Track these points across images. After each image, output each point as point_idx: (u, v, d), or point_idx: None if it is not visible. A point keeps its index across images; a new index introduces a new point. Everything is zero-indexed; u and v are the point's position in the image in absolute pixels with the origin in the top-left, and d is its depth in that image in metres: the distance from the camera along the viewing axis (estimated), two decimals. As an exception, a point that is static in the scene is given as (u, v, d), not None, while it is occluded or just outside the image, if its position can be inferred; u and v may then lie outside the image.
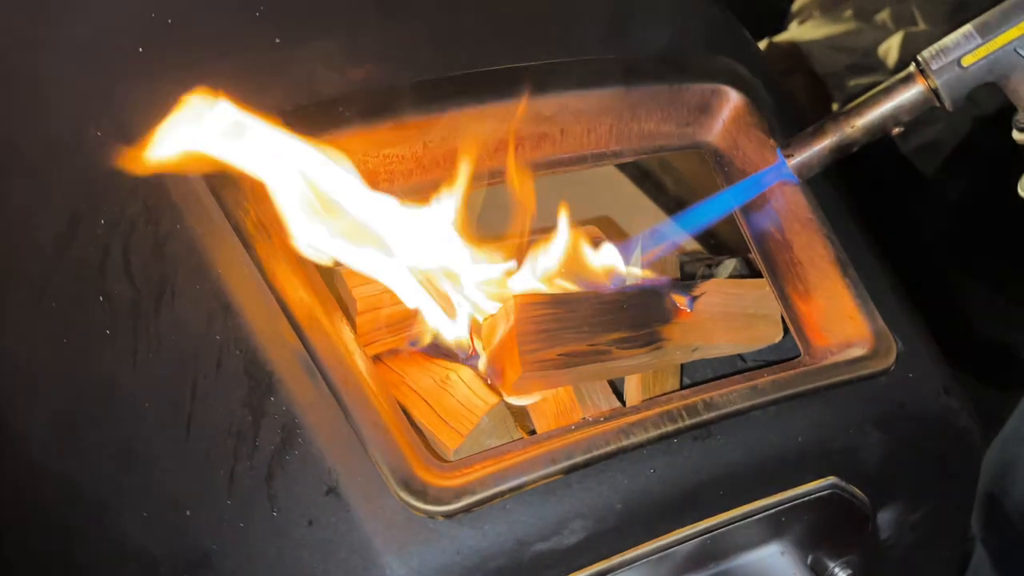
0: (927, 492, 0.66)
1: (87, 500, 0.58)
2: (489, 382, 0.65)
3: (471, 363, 0.66)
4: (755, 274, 0.76)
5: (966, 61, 0.62)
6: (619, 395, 0.70)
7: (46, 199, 0.64)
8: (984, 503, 0.94)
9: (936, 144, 1.58)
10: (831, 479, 0.60)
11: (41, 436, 0.60)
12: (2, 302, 0.64)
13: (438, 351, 0.68)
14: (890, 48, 1.58)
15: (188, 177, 0.60)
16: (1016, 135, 0.64)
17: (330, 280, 0.68)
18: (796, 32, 1.68)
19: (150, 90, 0.65)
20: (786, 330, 0.71)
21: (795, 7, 1.72)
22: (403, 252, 0.64)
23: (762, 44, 1.65)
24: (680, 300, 0.69)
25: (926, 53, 0.63)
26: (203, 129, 0.57)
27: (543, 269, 0.69)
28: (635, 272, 0.74)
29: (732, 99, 0.73)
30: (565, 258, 0.71)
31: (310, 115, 0.63)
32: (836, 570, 0.63)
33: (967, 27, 0.63)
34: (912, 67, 0.64)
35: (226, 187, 0.60)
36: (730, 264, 0.81)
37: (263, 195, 0.61)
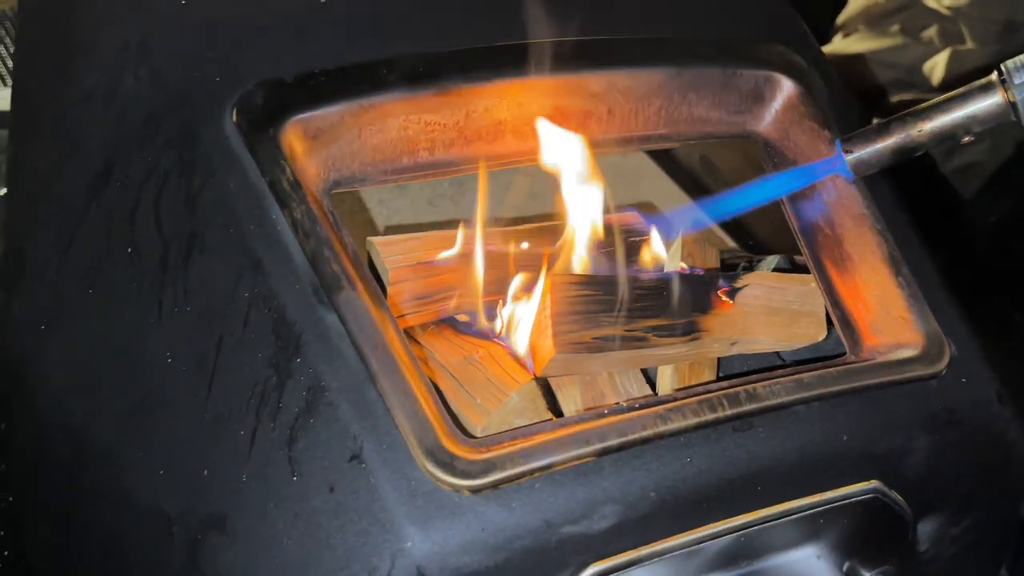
0: (971, 505, 0.63)
1: (100, 454, 0.56)
2: (520, 362, 0.62)
3: (502, 341, 0.64)
4: (798, 272, 0.74)
5: None
6: (651, 386, 0.68)
7: (79, 147, 0.63)
8: (1022, 532, 0.90)
9: (977, 166, 1.55)
10: (874, 483, 0.57)
11: (56, 386, 0.59)
12: (29, 249, 0.63)
13: (469, 327, 0.66)
14: (936, 65, 1.55)
15: (224, 132, 0.58)
16: None
17: (363, 248, 0.67)
18: (840, 45, 1.65)
19: (188, 42, 0.63)
20: (828, 330, 0.68)
21: (840, 20, 1.69)
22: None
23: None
24: (721, 290, 0.66)
25: (1010, 63, 0.60)
26: None
27: (582, 250, 0.67)
28: (675, 259, 0.71)
29: (786, 88, 0.70)
30: (604, 241, 0.69)
31: (353, 76, 0.62)
32: (871, 581, 0.60)
33: None
34: (993, 76, 0.60)
35: (262, 144, 0.58)
36: (772, 261, 0.78)
37: (300, 153, 0.59)
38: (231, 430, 0.52)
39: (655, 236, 0.72)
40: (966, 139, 0.61)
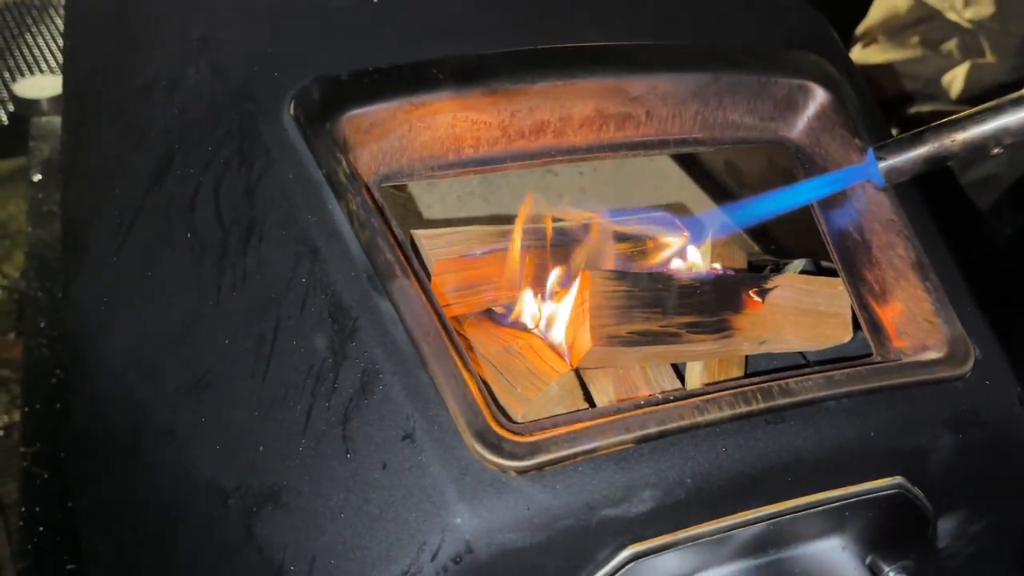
0: (990, 504, 0.65)
1: (158, 428, 0.58)
2: (558, 353, 0.65)
3: (540, 333, 0.67)
4: (823, 275, 0.76)
5: None
6: (681, 381, 0.70)
7: (141, 136, 0.65)
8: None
9: (994, 178, 1.56)
10: (898, 479, 0.59)
11: (117, 363, 0.61)
12: (89, 232, 0.65)
13: (508, 319, 0.68)
14: (955, 78, 1.56)
15: (283, 125, 0.61)
16: None
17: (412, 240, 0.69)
18: (858, 55, 1.66)
19: (248, 38, 0.66)
20: (854, 332, 0.70)
21: (859, 30, 1.71)
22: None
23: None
24: (752, 290, 0.69)
25: None
26: None
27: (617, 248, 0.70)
28: (706, 260, 0.74)
29: (818, 96, 0.72)
30: (641, 239, 0.71)
31: (404, 75, 0.64)
32: (892, 575, 0.62)
33: None
34: None
35: (319, 137, 0.61)
36: (799, 264, 0.80)
37: (353, 147, 0.62)
38: (287, 409, 0.54)
39: (687, 236, 0.74)
40: (995, 151, 0.63)
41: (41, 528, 0.91)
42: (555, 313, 0.67)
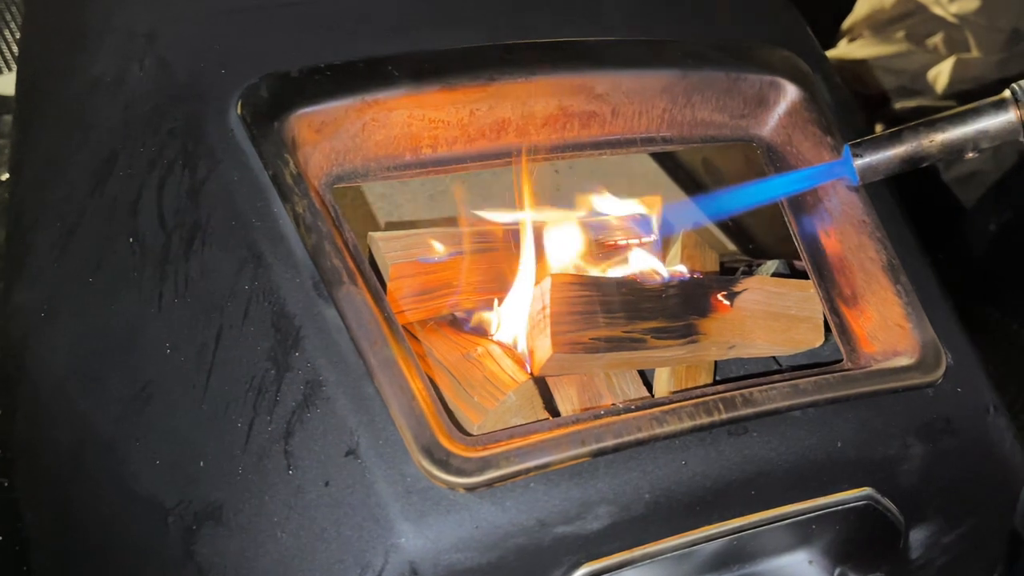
0: (963, 514, 0.63)
1: (99, 440, 0.56)
2: (519, 360, 0.63)
3: (501, 340, 0.65)
4: (797, 277, 0.74)
5: None
6: (648, 388, 0.68)
7: (84, 136, 0.63)
8: (1011, 543, 0.90)
9: (979, 175, 1.55)
10: (867, 490, 0.57)
11: (58, 372, 0.59)
12: (32, 236, 0.63)
13: (468, 325, 0.66)
14: (940, 73, 1.55)
15: (229, 124, 0.58)
16: None
17: (366, 245, 0.67)
18: (844, 50, 1.65)
19: (195, 34, 0.64)
20: (826, 337, 0.68)
21: (845, 25, 1.69)
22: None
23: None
24: (720, 294, 0.67)
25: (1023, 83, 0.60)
26: None
27: (580, 251, 0.67)
28: (675, 259, 0.72)
29: (789, 93, 0.70)
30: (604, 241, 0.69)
31: (359, 72, 0.62)
32: (862, 587, 0.60)
33: None
34: (1007, 93, 0.61)
35: (266, 137, 0.58)
36: (771, 266, 0.78)
37: (303, 147, 0.59)
38: (228, 422, 0.52)
39: (656, 237, 0.72)
40: (970, 154, 0.61)
41: (0, 537, 0.89)
42: (516, 319, 0.65)
